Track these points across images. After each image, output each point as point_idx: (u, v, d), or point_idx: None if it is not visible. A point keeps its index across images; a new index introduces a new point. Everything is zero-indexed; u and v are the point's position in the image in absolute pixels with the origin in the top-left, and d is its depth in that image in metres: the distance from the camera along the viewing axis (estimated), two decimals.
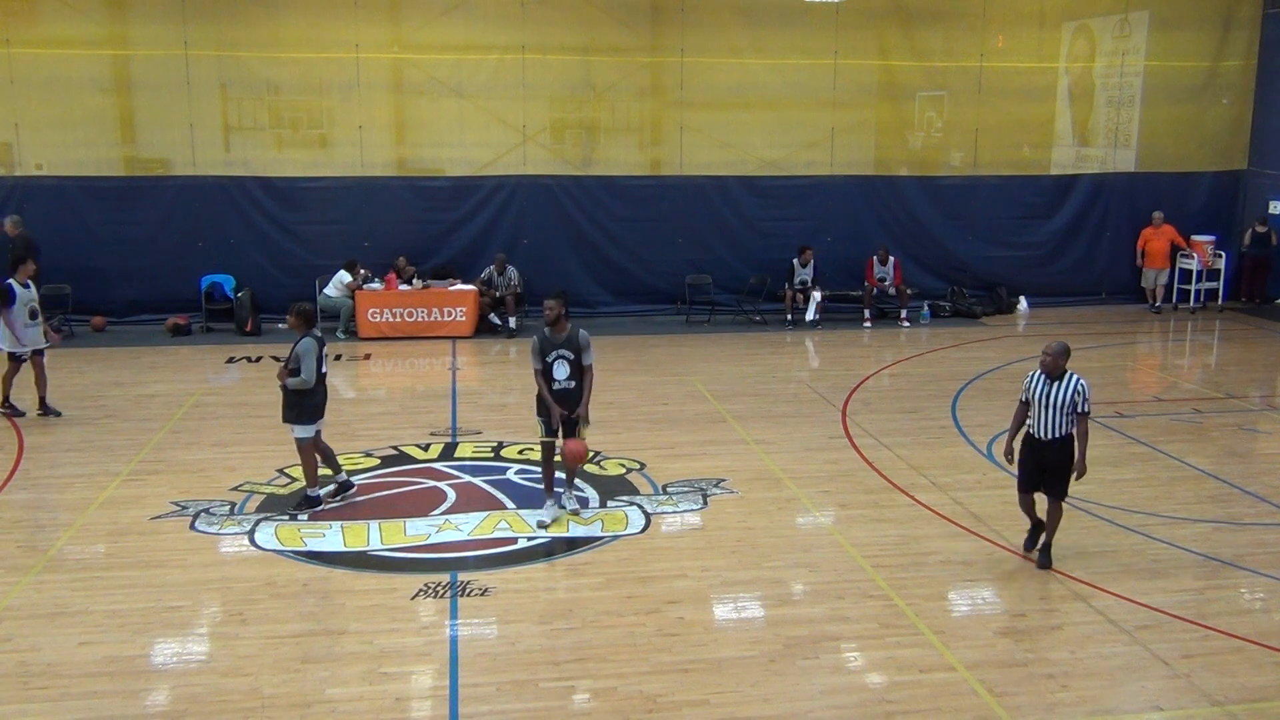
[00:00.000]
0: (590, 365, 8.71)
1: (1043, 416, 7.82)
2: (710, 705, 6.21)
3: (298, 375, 8.88)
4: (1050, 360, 7.78)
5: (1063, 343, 7.84)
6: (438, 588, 7.67)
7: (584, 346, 8.68)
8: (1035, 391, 7.86)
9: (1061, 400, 7.72)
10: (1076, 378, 7.76)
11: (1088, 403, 7.76)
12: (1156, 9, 18.36)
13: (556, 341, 8.63)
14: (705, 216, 17.80)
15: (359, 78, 16.77)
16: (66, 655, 6.70)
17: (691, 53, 17.43)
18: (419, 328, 16.18)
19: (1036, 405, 7.84)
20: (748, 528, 8.84)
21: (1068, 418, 7.75)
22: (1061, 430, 7.77)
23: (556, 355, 8.60)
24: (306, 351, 8.85)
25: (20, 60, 16.05)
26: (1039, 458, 7.93)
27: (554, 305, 8.59)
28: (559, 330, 8.64)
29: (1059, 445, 7.82)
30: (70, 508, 9.22)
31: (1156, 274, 18.58)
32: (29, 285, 11.76)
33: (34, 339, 11.75)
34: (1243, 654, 6.82)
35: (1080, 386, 7.74)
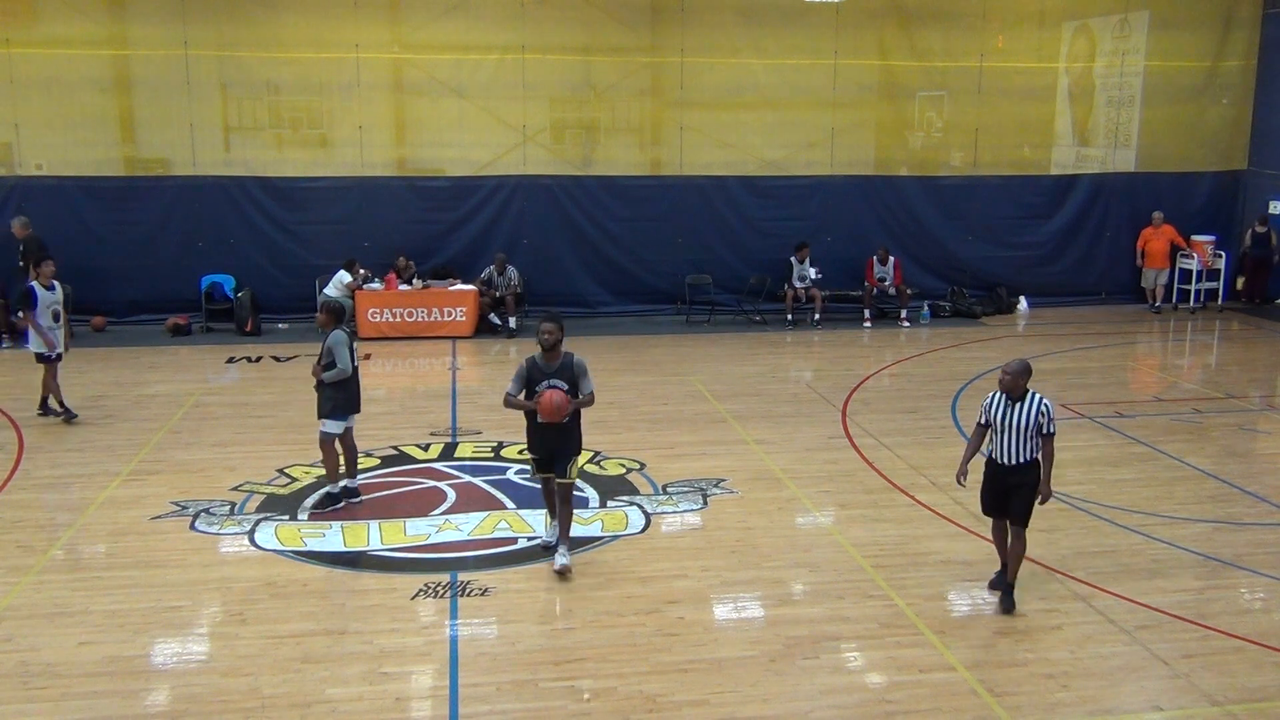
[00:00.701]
0: (592, 393, 7.85)
1: (1005, 440, 7.29)
2: (710, 705, 6.21)
3: (332, 369, 8.88)
4: (1010, 380, 7.26)
5: (1023, 360, 7.36)
6: (438, 588, 7.67)
7: (581, 374, 7.77)
8: (995, 413, 7.34)
9: (1024, 422, 7.20)
10: (1039, 397, 7.26)
11: (1052, 423, 7.25)
12: (1156, 9, 18.36)
13: (549, 370, 7.73)
14: (705, 216, 17.80)
15: (359, 78, 16.77)
16: (66, 655, 6.70)
17: (691, 53, 17.43)
18: (419, 328, 16.18)
19: (998, 428, 7.32)
20: (748, 528, 8.83)
21: (1032, 440, 7.24)
22: (1026, 454, 7.26)
23: (547, 386, 7.68)
24: (339, 343, 8.89)
25: (20, 60, 16.05)
26: (1002, 483, 7.38)
27: (555, 330, 7.69)
28: (553, 357, 7.75)
29: (1023, 470, 7.31)
30: (70, 508, 9.22)
31: (1156, 274, 18.57)
32: (54, 287, 11.63)
33: (57, 342, 11.66)
34: (1243, 654, 6.82)
35: (1044, 407, 7.22)
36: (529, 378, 7.72)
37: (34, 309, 11.40)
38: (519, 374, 7.76)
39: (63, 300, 11.76)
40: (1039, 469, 7.33)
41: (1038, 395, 7.27)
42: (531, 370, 7.74)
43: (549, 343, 7.67)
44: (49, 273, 11.60)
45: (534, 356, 7.76)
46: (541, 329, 7.69)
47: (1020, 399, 7.25)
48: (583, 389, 7.77)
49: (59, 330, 11.65)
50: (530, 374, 7.73)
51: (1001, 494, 7.40)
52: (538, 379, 7.70)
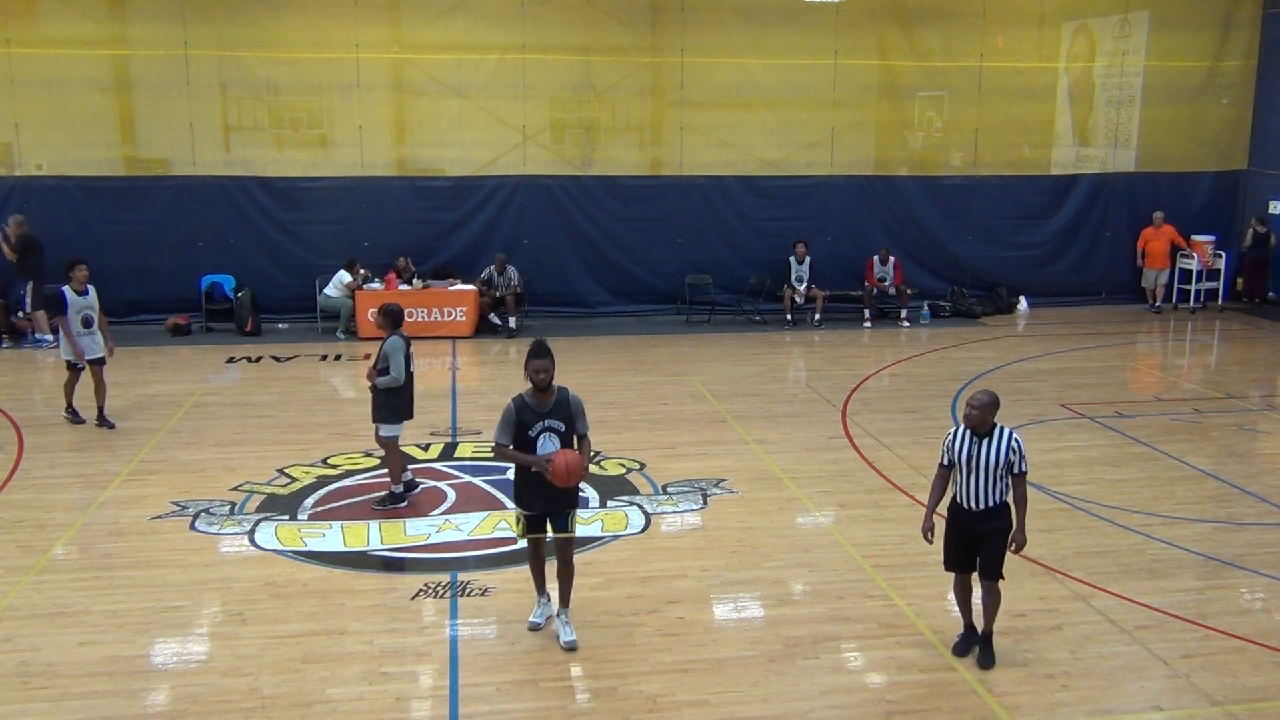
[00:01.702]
0: (587, 435, 6.95)
1: (972, 482, 6.51)
2: (710, 705, 6.21)
3: (387, 374, 8.85)
4: (978, 414, 6.49)
5: (990, 392, 6.57)
6: (438, 588, 7.67)
7: (577, 412, 6.83)
8: (960, 452, 6.54)
9: (993, 461, 6.43)
10: (1009, 433, 6.52)
11: (1025, 461, 6.50)
12: (1156, 9, 18.36)
13: (542, 410, 6.73)
14: (705, 216, 17.80)
15: (359, 78, 16.77)
16: (66, 655, 6.70)
17: (691, 53, 17.43)
18: (419, 328, 16.12)
19: (963, 469, 6.52)
20: (748, 528, 8.83)
21: (1002, 481, 6.48)
22: (995, 497, 6.50)
23: (543, 429, 6.72)
24: (395, 349, 8.85)
25: (20, 60, 16.05)
26: (969, 531, 6.62)
27: (549, 367, 6.68)
28: (547, 396, 6.77)
29: (993, 515, 6.53)
30: (70, 508, 9.22)
31: (1157, 274, 18.56)
32: (87, 292, 11.28)
33: (89, 348, 11.30)
34: (1243, 654, 6.82)
35: (1014, 443, 6.48)
36: (519, 421, 6.71)
37: (64, 314, 11.10)
38: (506, 419, 6.72)
39: (97, 305, 11.38)
40: (1010, 513, 6.59)
41: (1007, 430, 6.54)
42: (522, 412, 6.72)
43: (544, 381, 6.69)
44: (82, 277, 11.28)
45: (523, 395, 6.75)
46: (534, 366, 6.67)
47: (988, 435, 6.51)
48: (580, 428, 6.87)
49: (90, 337, 11.29)
50: (521, 416, 6.71)
51: (968, 544, 6.64)
52: (530, 421, 6.71)
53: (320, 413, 12.29)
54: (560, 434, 6.75)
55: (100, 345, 11.37)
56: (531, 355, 6.71)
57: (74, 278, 11.25)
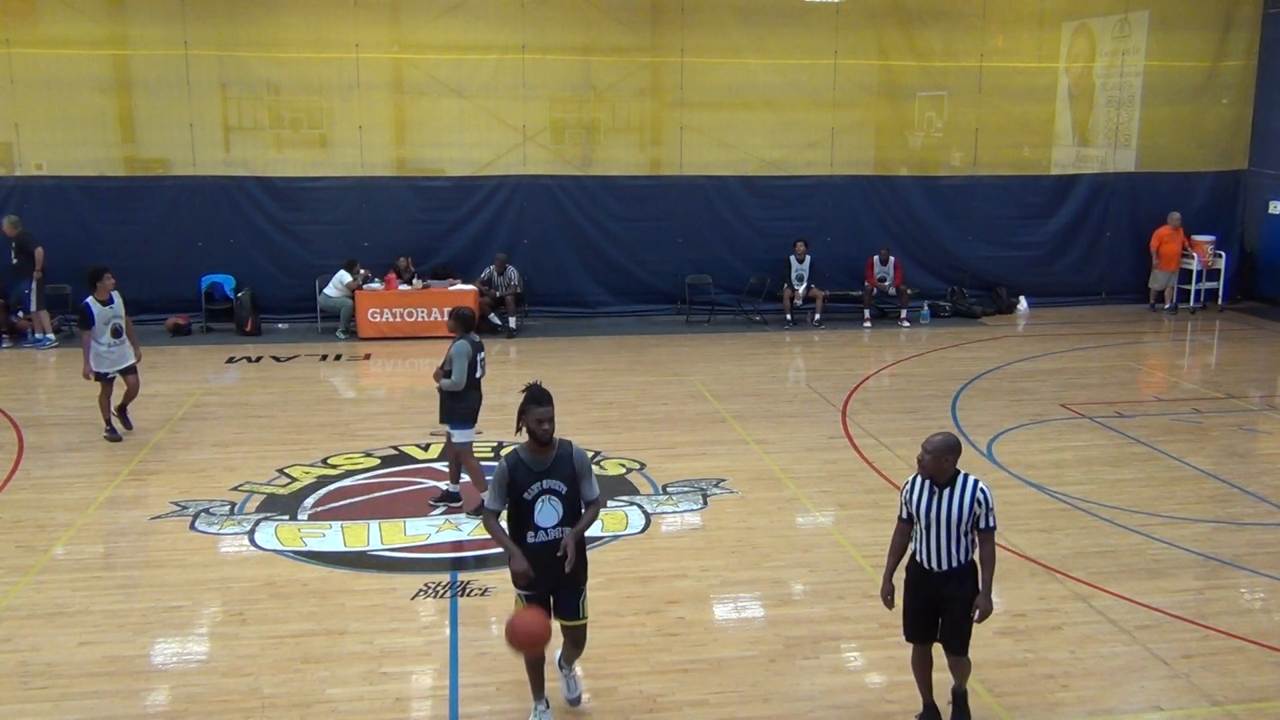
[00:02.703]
0: (598, 500, 5.93)
1: (932, 539, 5.66)
2: (710, 705, 6.21)
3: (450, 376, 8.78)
4: (930, 460, 5.58)
5: (947, 435, 5.67)
6: (438, 588, 7.67)
7: (583, 471, 5.77)
8: (918, 504, 5.69)
9: (955, 514, 5.58)
10: (974, 483, 5.64)
11: (992, 514, 5.62)
12: (1156, 9, 18.36)
13: (539, 467, 5.68)
14: (705, 216, 17.80)
15: (359, 78, 16.77)
16: (66, 655, 6.70)
17: (691, 53, 17.43)
18: (419, 328, 16.17)
19: (922, 523, 5.69)
20: (748, 528, 8.83)
21: (966, 538, 5.63)
22: (959, 556, 5.64)
23: (541, 491, 5.67)
24: (460, 354, 8.70)
25: (20, 60, 16.05)
26: (929, 595, 5.76)
27: (552, 415, 5.69)
28: (545, 451, 5.71)
29: (957, 577, 5.68)
30: (70, 508, 9.21)
31: (1169, 275, 18.40)
32: (112, 300, 10.89)
33: (121, 357, 10.97)
34: (1243, 654, 6.82)
35: (981, 494, 5.60)
36: (513, 481, 5.67)
37: (91, 327, 10.70)
38: (499, 481, 5.69)
39: (124, 311, 11.01)
40: (977, 575, 5.75)
41: (972, 479, 5.66)
42: (516, 471, 5.67)
43: (547, 434, 5.65)
44: (108, 286, 10.81)
45: (517, 451, 5.75)
46: (536, 415, 5.63)
47: (949, 484, 5.63)
48: (586, 493, 5.79)
49: (121, 346, 10.93)
50: (515, 476, 5.67)
51: (928, 610, 5.80)
52: (525, 481, 5.66)
53: (320, 413, 12.29)
54: (562, 496, 5.69)
55: (129, 354, 11.05)
56: (531, 402, 5.67)
57: (100, 288, 10.76)
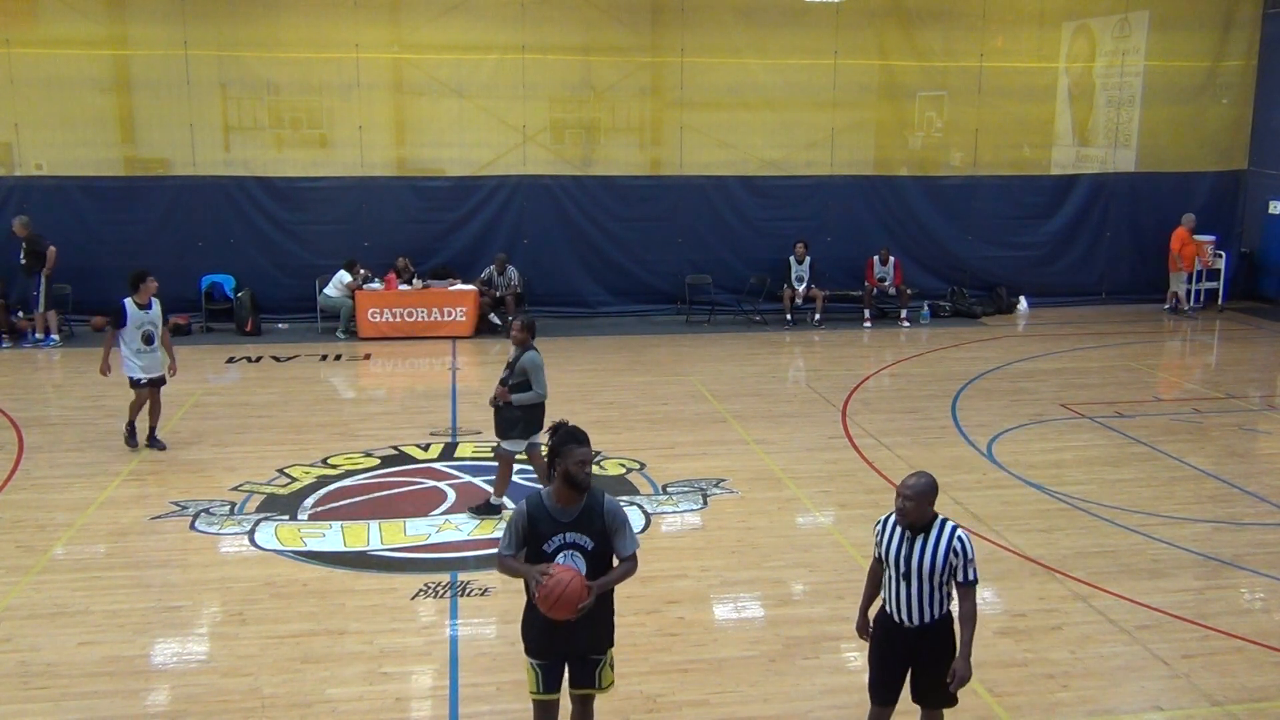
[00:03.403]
0: (634, 556, 5.12)
1: (904, 590, 5.06)
2: (710, 705, 6.21)
3: (524, 391, 8.44)
4: (914, 506, 5.01)
5: (928, 476, 5.07)
6: (438, 588, 7.67)
7: (616, 526, 4.99)
8: (888, 549, 5.13)
9: (929, 565, 5.00)
10: (952, 529, 5.06)
11: (972, 566, 5.01)
12: (1156, 9, 18.36)
13: (565, 517, 4.91)
14: (705, 216, 17.80)
15: (359, 78, 16.77)
16: (66, 655, 6.70)
17: (691, 53, 17.43)
18: (419, 328, 16.17)
19: (893, 572, 5.11)
20: (748, 528, 8.83)
21: (941, 591, 5.04)
22: (934, 610, 5.05)
23: (564, 544, 4.91)
24: (537, 365, 8.45)
25: (20, 60, 16.06)
26: (901, 652, 5.16)
27: (587, 455, 4.88)
28: (575, 498, 4.92)
29: (932, 634, 5.08)
30: (70, 508, 9.21)
31: (1189, 277, 18.22)
32: (151, 305, 10.52)
33: (152, 365, 10.52)
34: (1243, 654, 6.82)
35: (958, 543, 5.00)
36: (533, 533, 4.92)
37: (121, 326, 10.35)
38: (516, 526, 4.96)
39: (160, 320, 10.64)
40: (953, 630, 5.14)
41: (949, 526, 5.07)
42: (537, 519, 4.92)
43: (588, 479, 4.90)
44: (150, 290, 10.50)
45: (540, 496, 4.98)
46: (577, 456, 4.83)
47: (924, 530, 5.07)
48: (621, 549, 5.02)
49: (153, 354, 10.51)
50: (536, 526, 4.92)
51: (897, 667, 5.20)
52: (547, 533, 4.90)
53: (320, 413, 12.29)
54: (587, 553, 4.92)
55: (160, 363, 10.62)
56: (571, 441, 4.84)
57: (141, 290, 10.46)
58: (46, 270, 15.25)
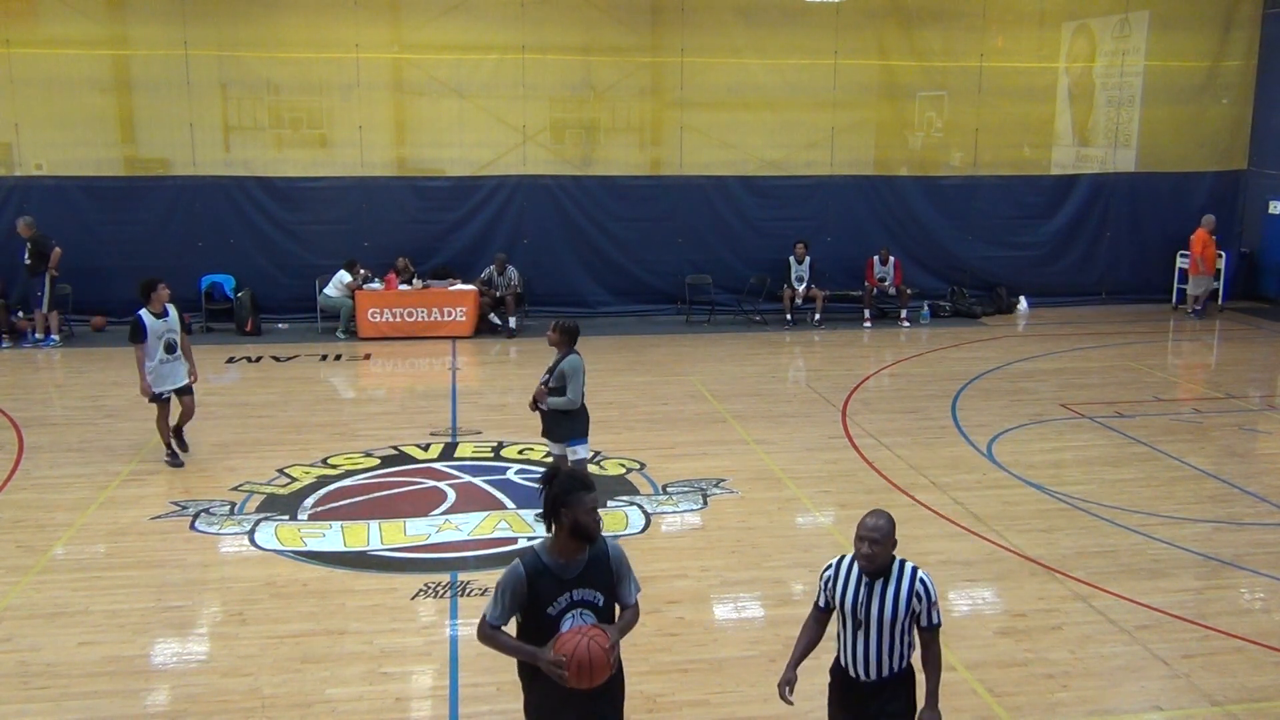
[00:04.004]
0: (636, 604, 4.62)
1: (859, 641, 4.58)
2: (710, 705, 6.21)
3: (560, 394, 8.24)
4: (879, 550, 4.49)
5: (885, 516, 4.57)
6: (438, 588, 7.67)
7: (622, 572, 4.52)
8: (842, 595, 4.61)
9: (890, 612, 4.51)
10: (913, 571, 4.59)
11: (936, 609, 4.60)
12: (1156, 9, 18.36)
13: (568, 574, 4.33)
14: (705, 216, 17.80)
15: (359, 78, 16.77)
16: (66, 655, 6.70)
17: (691, 53, 17.43)
18: (419, 328, 16.17)
19: (848, 621, 4.61)
20: (748, 528, 8.83)
21: (903, 639, 4.57)
22: (895, 662, 4.58)
23: (569, 605, 4.32)
24: (576, 370, 8.24)
25: (20, 60, 16.06)
26: (859, 710, 4.70)
27: (593, 505, 4.32)
28: (579, 551, 4.34)
29: (891, 687, 4.62)
30: (70, 508, 9.21)
31: (1208, 280, 17.91)
32: (167, 313, 10.10)
33: (174, 375, 10.18)
34: (1243, 654, 6.82)
35: (921, 586, 4.56)
36: (532, 593, 4.29)
37: (143, 341, 9.92)
38: (510, 589, 4.30)
39: (180, 326, 10.26)
40: (916, 683, 4.71)
41: (909, 568, 4.60)
42: (539, 579, 4.29)
43: (597, 528, 4.33)
44: (163, 298, 10.08)
45: (537, 552, 4.36)
46: (587, 504, 4.27)
47: (883, 574, 4.56)
48: (624, 597, 4.52)
49: (175, 362, 10.15)
50: (537, 585, 4.29)
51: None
52: (550, 593, 4.30)
53: (320, 413, 12.29)
54: (598, 609, 4.37)
55: (184, 372, 10.28)
56: (580, 488, 4.28)
57: (153, 299, 10.03)
58: (51, 270, 15.25)
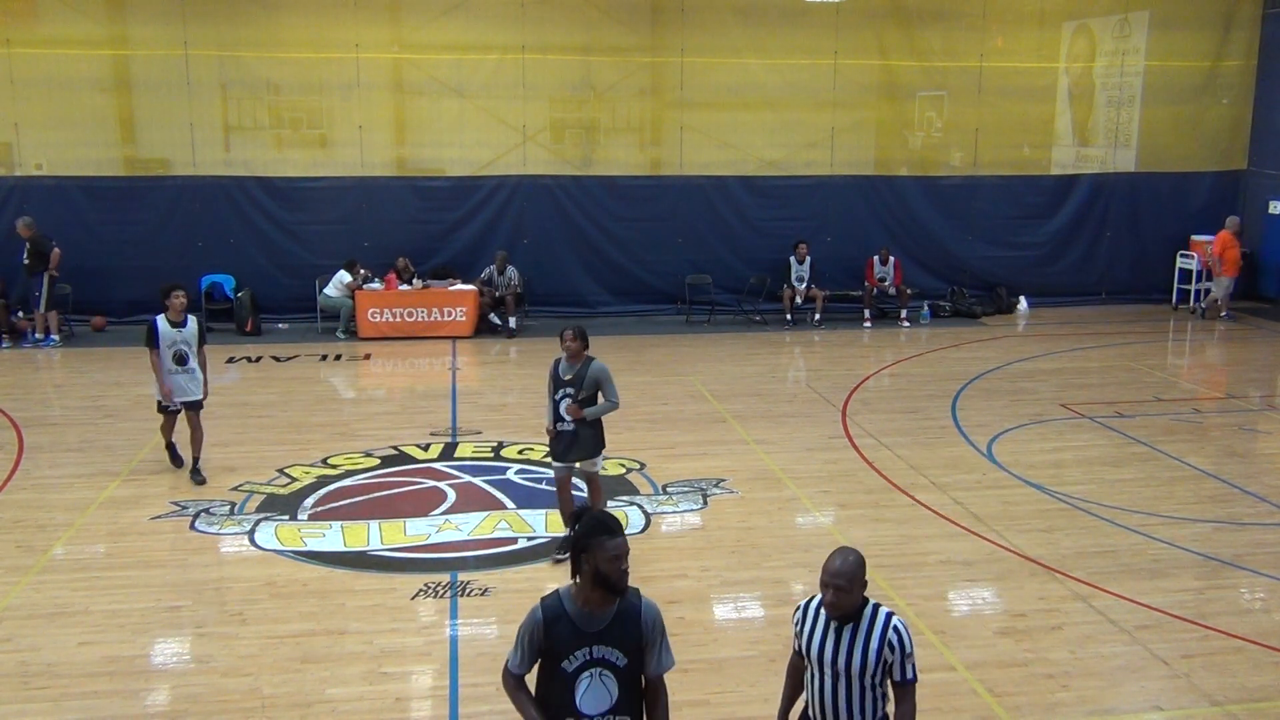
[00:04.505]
0: (665, 687, 4.17)
1: (828, 691, 4.21)
2: (710, 705, 6.21)
3: (592, 404, 7.96)
4: (845, 594, 4.13)
5: (854, 554, 4.20)
6: (438, 588, 7.67)
7: (654, 638, 4.04)
8: (808, 642, 4.26)
9: (859, 662, 4.15)
10: (886, 616, 4.20)
11: (910, 662, 4.18)
12: (1156, 9, 18.36)
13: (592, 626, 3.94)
14: (705, 216, 17.80)
15: (359, 78, 16.77)
16: (66, 655, 6.70)
17: (691, 53, 17.43)
18: (419, 328, 16.17)
19: (816, 669, 4.24)
20: (748, 528, 8.83)
21: (875, 692, 4.20)
22: (867, 714, 4.21)
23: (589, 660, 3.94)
24: (608, 374, 7.98)
25: (20, 60, 16.05)
26: None
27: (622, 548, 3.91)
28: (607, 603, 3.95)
29: None
30: (70, 508, 9.21)
31: (1229, 282, 17.63)
32: (185, 323, 9.72)
33: (182, 388, 9.80)
34: (1243, 654, 6.82)
35: (895, 635, 4.16)
36: (550, 643, 3.95)
37: (156, 347, 9.63)
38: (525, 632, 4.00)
39: (196, 338, 9.81)
40: None
41: (883, 613, 4.22)
42: (556, 627, 3.94)
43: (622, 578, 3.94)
44: (177, 306, 9.65)
45: (559, 597, 4.00)
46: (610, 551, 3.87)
47: (853, 619, 4.19)
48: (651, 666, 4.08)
49: (184, 375, 9.78)
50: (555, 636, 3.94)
51: None
52: (567, 646, 3.94)
53: (320, 413, 12.29)
54: (619, 671, 3.95)
55: (197, 385, 9.91)
56: (600, 531, 3.90)
57: (169, 306, 9.64)
58: (51, 270, 15.24)
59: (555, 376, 8.06)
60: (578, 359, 7.96)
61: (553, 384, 8.07)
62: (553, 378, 8.08)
